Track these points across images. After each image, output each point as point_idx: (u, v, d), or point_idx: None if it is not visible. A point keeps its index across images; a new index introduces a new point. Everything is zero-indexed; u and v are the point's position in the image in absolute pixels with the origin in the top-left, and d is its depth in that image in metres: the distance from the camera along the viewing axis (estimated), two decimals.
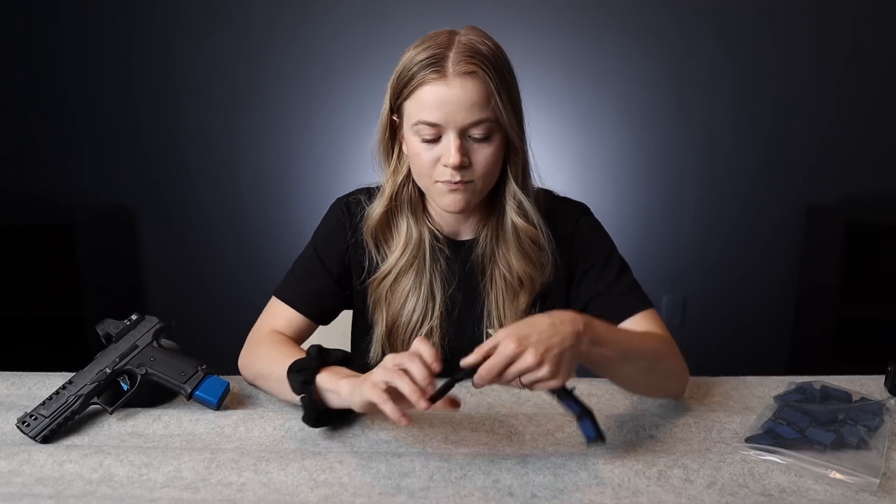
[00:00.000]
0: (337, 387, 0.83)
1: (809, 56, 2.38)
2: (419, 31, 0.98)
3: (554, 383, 0.73)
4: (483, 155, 0.94)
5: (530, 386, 0.74)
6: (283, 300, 1.07)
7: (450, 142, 0.92)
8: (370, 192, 1.08)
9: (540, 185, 1.08)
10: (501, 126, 0.94)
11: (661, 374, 0.94)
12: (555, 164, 2.49)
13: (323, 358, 0.88)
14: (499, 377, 0.73)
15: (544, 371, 0.72)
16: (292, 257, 1.13)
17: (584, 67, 2.43)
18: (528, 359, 0.71)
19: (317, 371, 0.86)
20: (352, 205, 1.08)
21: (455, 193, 0.95)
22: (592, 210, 1.12)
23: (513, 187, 1.00)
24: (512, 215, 1.01)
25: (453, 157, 0.91)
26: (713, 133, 2.47)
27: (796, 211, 2.49)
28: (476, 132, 0.93)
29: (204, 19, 2.44)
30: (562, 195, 1.12)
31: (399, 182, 1.03)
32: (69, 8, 2.44)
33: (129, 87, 2.50)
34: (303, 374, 0.86)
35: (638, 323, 1.02)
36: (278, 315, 1.06)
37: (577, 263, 1.07)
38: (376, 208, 1.04)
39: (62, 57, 2.48)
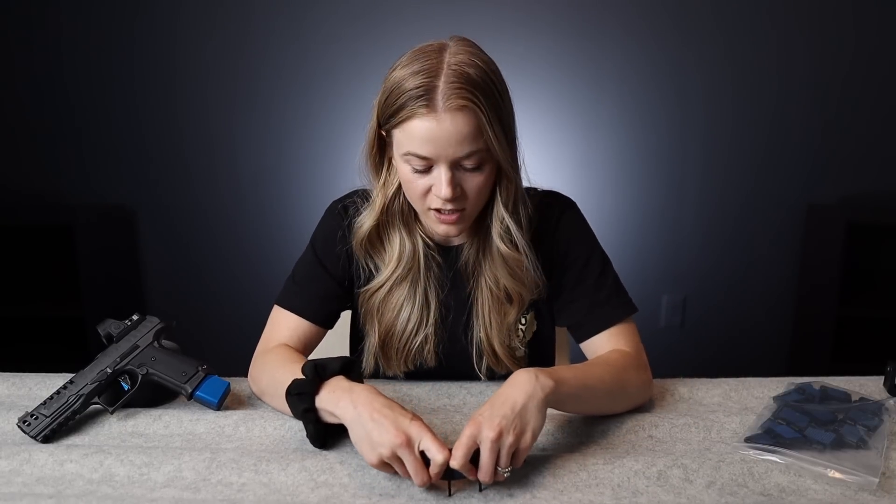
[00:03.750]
0: (336, 409, 0.81)
1: (809, 56, 2.38)
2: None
3: (526, 450, 0.77)
4: (475, 183, 0.93)
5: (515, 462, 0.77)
6: (287, 308, 1.04)
7: (441, 174, 0.90)
8: (366, 195, 1.06)
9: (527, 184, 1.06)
10: (493, 155, 0.91)
11: (620, 400, 0.96)
12: (555, 164, 2.49)
13: (320, 374, 0.85)
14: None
15: (524, 441, 0.77)
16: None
17: (584, 67, 2.43)
18: (508, 441, 0.75)
19: (315, 392, 0.84)
20: (349, 208, 1.07)
21: (446, 225, 0.96)
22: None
23: (500, 212, 0.98)
24: (497, 241, 1.00)
25: (444, 190, 0.90)
26: (713, 133, 2.47)
27: (796, 211, 2.49)
28: (467, 163, 0.91)
29: (204, 19, 2.44)
30: (547, 189, 1.09)
31: (390, 195, 1.00)
32: (69, 8, 2.44)
33: (129, 87, 2.50)
34: (302, 400, 0.84)
35: (608, 339, 1.02)
36: (284, 325, 1.04)
37: (557, 259, 1.06)
38: (366, 221, 1.02)
39: (62, 57, 2.48)
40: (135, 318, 1.02)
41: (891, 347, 2.16)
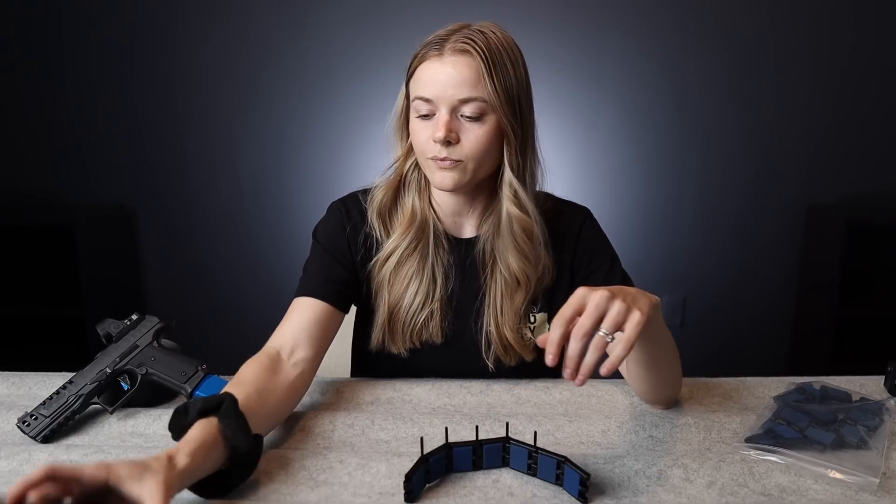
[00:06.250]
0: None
1: (809, 56, 2.38)
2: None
3: (634, 329, 0.71)
4: (473, 135, 0.95)
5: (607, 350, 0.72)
6: (301, 295, 1.03)
7: (439, 116, 0.95)
8: (365, 192, 1.10)
9: (542, 188, 1.09)
10: (493, 110, 0.95)
11: (674, 375, 0.95)
12: (555, 164, 2.46)
13: (181, 423, 0.76)
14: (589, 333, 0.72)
15: (635, 313, 0.71)
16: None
17: (584, 67, 2.43)
18: (617, 305, 0.71)
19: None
20: (348, 202, 1.10)
21: (444, 171, 0.97)
22: (593, 209, 1.14)
23: (508, 175, 1.00)
24: (507, 204, 1.01)
25: (439, 130, 0.94)
26: (713, 133, 2.47)
27: (796, 211, 2.49)
28: (467, 110, 0.94)
29: (204, 19, 2.45)
30: (564, 198, 1.13)
31: (409, 164, 1.05)
32: (69, 8, 2.44)
33: (129, 87, 2.50)
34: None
35: None
36: (297, 311, 1.01)
37: (581, 265, 1.08)
38: (384, 185, 1.06)
39: (62, 57, 2.48)
40: (134, 317, 1.02)
41: (891, 347, 2.16)
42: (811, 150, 2.45)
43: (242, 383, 0.87)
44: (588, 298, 0.73)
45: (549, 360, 0.72)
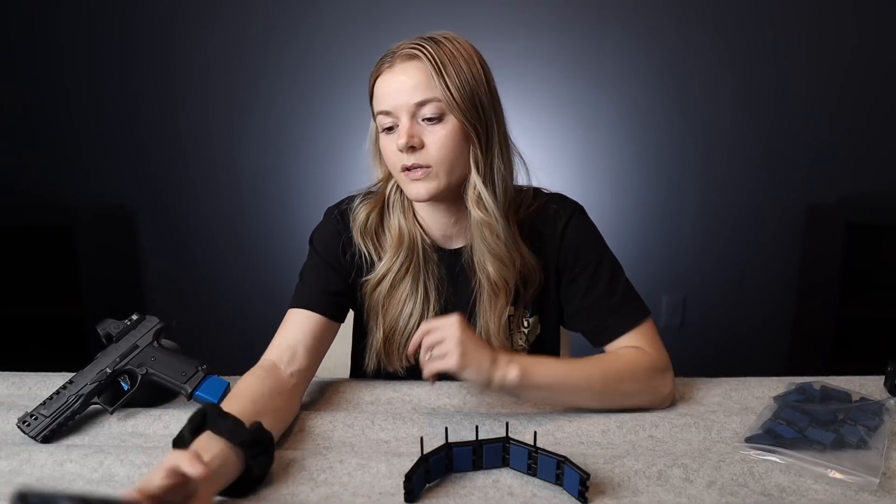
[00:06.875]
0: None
1: (809, 56, 2.38)
2: (419, 32, 0.99)
3: (444, 364, 0.85)
4: (436, 137, 0.94)
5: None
6: (296, 306, 1.03)
7: (401, 126, 0.94)
8: (360, 198, 1.09)
9: (530, 184, 1.07)
10: (451, 109, 0.93)
11: (616, 397, 0.95)
12: (555, 164, 2.49)
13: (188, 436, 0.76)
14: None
15: (449, 358, 0.85)
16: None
17: (584, 67, 2.43)
18: (445, 345, 0.86)
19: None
20: (345, 212, 1.08)
21: (417, 182, 0.96)
22: (593, 210, 1.10)
23: (472, 177, 0.98)
24: (472, 208, 0.99)
25: (401, 137, 0.93)
26: (713, 133, 2.47)
27: (796, 211, 2.49)
28: (426, 112, 0.93)
29: (204, 19, 2.45)
30: (555, 192, 1.10)
31: (391, 186, 1.04)
32: (69, 7, 2.44)
33: (129, 86, 2.50)
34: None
35: (623, 344, 1.01)
36: (292, 322, 1.01)
37: (566, 267, 1.05)
38: (366, 205, 1.05)
39: (62, 57, 2.48)
40: (134, 317, 1.02)
41: (891, 347, 2.16)
42: (811, 150, 2.45)
43: (237, 396, 0.87)
44: (434, 329, 0.87)
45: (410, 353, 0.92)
